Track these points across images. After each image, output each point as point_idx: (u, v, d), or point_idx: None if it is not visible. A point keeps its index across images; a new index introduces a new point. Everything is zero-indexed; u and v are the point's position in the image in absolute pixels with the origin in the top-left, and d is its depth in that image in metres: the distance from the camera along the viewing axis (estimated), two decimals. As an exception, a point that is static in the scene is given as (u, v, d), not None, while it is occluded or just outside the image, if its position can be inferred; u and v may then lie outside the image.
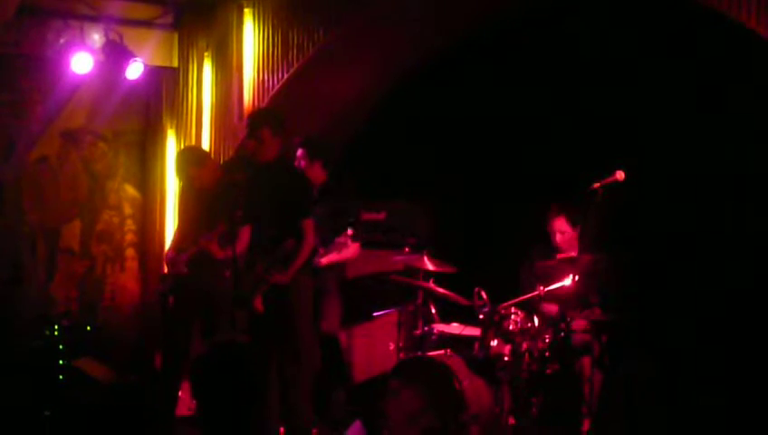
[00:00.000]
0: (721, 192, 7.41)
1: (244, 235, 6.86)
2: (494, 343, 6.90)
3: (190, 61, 9.32)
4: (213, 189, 7.59)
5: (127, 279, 9.37)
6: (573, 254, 7.17)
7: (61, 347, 8.26)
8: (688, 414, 7.17)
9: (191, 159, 7.85)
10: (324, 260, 7.21)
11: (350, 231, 7.15)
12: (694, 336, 7.42)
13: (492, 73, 8.45)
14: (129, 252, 9.40)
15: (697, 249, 7.48)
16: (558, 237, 7.28)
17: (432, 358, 6.87)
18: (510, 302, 7.01)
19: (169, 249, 7.91)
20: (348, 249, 7.27)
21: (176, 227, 8.08)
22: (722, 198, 7.40)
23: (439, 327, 7.29)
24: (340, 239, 7.11)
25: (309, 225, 6.70)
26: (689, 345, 7.41)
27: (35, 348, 8.28)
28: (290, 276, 6.57)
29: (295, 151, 7.45)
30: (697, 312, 7.44)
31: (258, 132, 6.75)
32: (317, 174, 7.43)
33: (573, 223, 7.22)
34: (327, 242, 7.19)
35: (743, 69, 7.17)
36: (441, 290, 7.28)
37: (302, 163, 7.43)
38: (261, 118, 6.93)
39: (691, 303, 7.45)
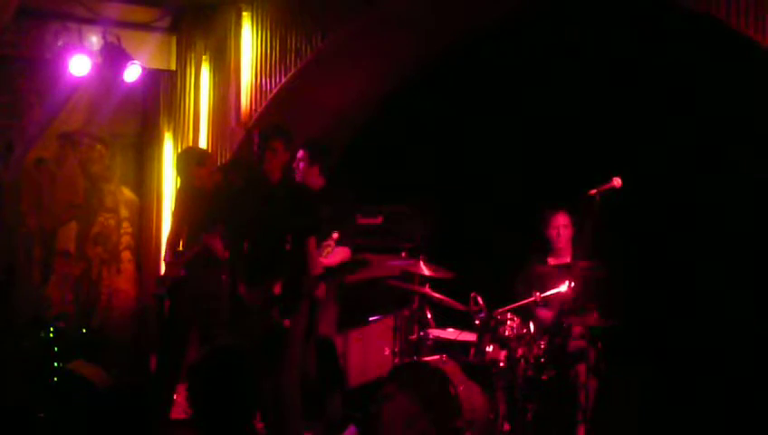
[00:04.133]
0: (718, 195, 7.44)
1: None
2: (490, 348, 6.91)
3: (188, 64, 9.31)
4: (210, 191, 7.60)
5: (123, 282, 9.35)
6: (568, 259, 7.19)
7: (56, 349, 8.25)
8: (687, 418, 7.20)
9: (193, 157, 7.89)
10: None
11: (335, 234, 7.16)
12: (692, 341, 7.45)
13: (490, 78, 8.46)
14: (126, 254, 9.38)
15: (694, 253, 7.51)
16: (561, 232, 7.27)
17: (427, 363, 6.88)
18: (506, 308, 7.01)
19: (167, 251, 7.91)
20: (335, 253, 7.28)
21: (170, 227, 8.07)
22: (719, 200, 7.42)
23: (435, 332, 7.29)
24: (326, 242, 7.12)
25: (312, 242, 6.75)
26: (687, 350, 7.44)
27: (30, 350, 8.26)
28: (324, 291, 6.71)
29: (295, 153, 7.45)
30: (696, 316, 7.46)
31: (273, 143, 6.76)
32: (315, 178, 7.43)
33: (573, 219, 7.24)
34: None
35: (741, 76, 7.19)
36: (437, 295, 7.29)
37: (301, 165, 7.42)
38: (274, 130, 6.95)
39: (689, 307, 7.47)
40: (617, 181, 6.59)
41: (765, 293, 7.15)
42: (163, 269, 8.09)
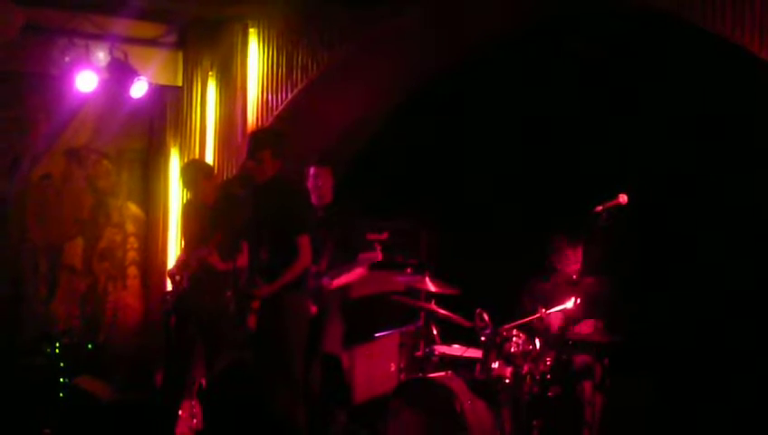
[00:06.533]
0: (722, 209, 7.44)
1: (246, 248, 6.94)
2: (496, 365, 6.89)
3: (194, 80, 9.34)
4: (212, 205, 7.63)
5: (128, 297, 9.36)
6: (574, 277, 7.18)
7: (62, 365, 8.26)
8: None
9: (202, 170, 7.91)
10: (336, 283, 7.24)
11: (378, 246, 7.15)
12: (696, 357, 7.44)
13: (493, 95, 8.47)
14: (132, 270, 9.39)
15: (699, 268, 7.51)
16: (567, 263, 7.24)
17: (433, 379, 6.86)
18: (512, 324, 7.00)
19: (173, 266, 7.93)
20: (353, 273, 7.30)
21: (180, 246, 8.10)
22: (723, 217, 7.42)
23: (441, 349, 7.28)
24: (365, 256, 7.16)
25: (304, 242, 6.65)
26: (691, 366, 7.43)
27: (36, 365, 8.27)
28: (274, 290, 6.54)
29: (309, 167, 7.46)
30: (700, 332, 7.45)
31: (259, 154, 6.73)
32: (329, 193, 7.45)
33: (584, 252, 7.20)
34: (338, 265, 7.22)
35: (744, 92, 7.21)
36: (443, 311, 7.28)
37: (320, 181, 7.41)
38: (262, 139, 6.88)
39: (693, 323, 7.47)
40: (622, 198, 6.58)
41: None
42: (168, 284, 8.11)
